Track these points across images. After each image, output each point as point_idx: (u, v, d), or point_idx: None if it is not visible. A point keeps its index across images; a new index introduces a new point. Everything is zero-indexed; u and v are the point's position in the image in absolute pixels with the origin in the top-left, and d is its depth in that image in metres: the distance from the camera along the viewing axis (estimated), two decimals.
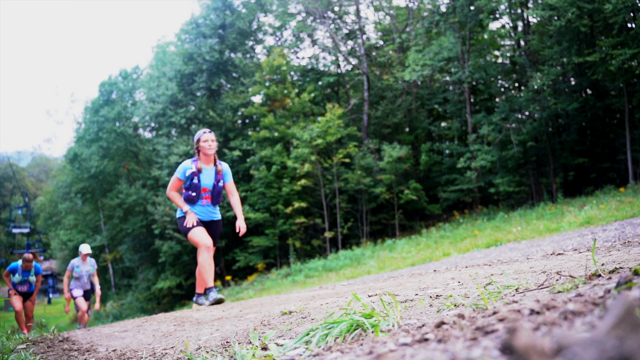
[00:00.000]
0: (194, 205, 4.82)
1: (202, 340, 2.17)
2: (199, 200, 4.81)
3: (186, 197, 4.80)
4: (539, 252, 5.47)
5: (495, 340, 0.82)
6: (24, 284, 7.58)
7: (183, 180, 4.77)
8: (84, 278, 8.70)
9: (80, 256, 8.62)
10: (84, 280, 8.73)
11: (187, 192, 4.80)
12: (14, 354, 2.32)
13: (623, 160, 15.77)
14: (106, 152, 25.99)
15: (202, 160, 4.79)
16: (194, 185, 4.75)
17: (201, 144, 4.74)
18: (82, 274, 8.62)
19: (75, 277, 8.66)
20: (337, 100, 23.80)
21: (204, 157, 4.77)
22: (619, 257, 1.91)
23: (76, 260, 8.64)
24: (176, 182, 4.79)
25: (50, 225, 32.73)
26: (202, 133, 4.79)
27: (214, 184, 4.84)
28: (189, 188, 4.77)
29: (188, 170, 4.74)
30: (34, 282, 7.69)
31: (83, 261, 8.66)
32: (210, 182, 4.81)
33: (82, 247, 8.66)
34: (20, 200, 43.97)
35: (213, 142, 4.76)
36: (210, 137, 4.76)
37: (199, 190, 4.77)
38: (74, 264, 8.60)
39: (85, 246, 8.70)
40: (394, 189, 18.86)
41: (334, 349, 1.16)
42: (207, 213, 4.89)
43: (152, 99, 24.11)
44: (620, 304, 0.59)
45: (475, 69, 17.50)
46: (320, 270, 14.65)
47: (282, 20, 23.07)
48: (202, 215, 4.86)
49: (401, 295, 2.13)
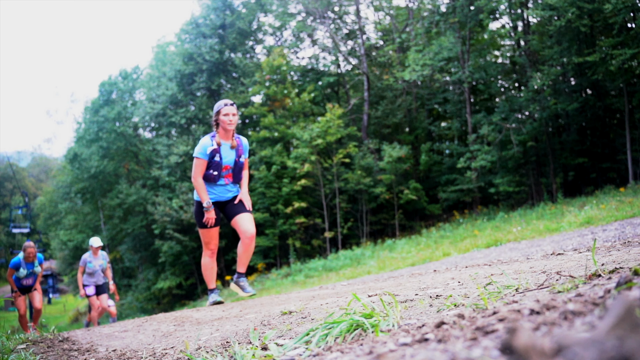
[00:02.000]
0: (215, 185, 4.39)
1: (202, 340, 2.17)
2: (220, 179, 4.37)
3: (206, 176, 4.33)
4: (539, 252, 5.47)
5: (495, 340, 0.82)
6: (29, 277, 7.27)
7: (207, 160, 4.27)
8: (98, 273, 8.49)
9: (91, 250, 8.37)
10: (98, 275, 8.51)
11: (207, 170, 4.32)
12: (14, 354, 2.32)
13: (623, 160, 15.76)
14: (106, 152, 25.99)
15: (221, 135, 4.32)
16: (215, 164, 4.30)
17: (221, 117, 4.27)
18: (95, 268, 8.38)
19: (89, 273, 8.40)
20: (337, 100, 23.80)
21: (223, 132, 4.31)
22: (619, 257, 1.91)
23: (87, 255, 8.39)
24: (202, 165, 4.26)
25: (50, 225, 32.73)
26: (222, 105, 4.31)
27: (235, 161, 4.39)
28: (209, 166, 4.30)
29: (209, 148, 4.25)
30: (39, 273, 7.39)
31: (95, 255, 8.39)
32: (231, 159, 4.37)
33: (92, 241, 8.40)
34: (20, 200, 43.97)
35: (234, 117, 4.30)
36: (231, 111, 4.28)
37: (220, 169, 4.33)
38: (86, 260, 8.32)
39: (95, 239, 8.43)
40: (394, 189, 18.86)
41: (334, 349, 1.16)
42: (225, 192, 4.47)
43: (152, 99, 24.12)
44: (620, 304, 0.59)
45: (475, 69, 17.51)
46: (320, 270, 14.65)
47: (282, 20, 23.07)
48: (220, 195, 4.44)
49: (401, 295, 2.13)
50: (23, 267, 7.16)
